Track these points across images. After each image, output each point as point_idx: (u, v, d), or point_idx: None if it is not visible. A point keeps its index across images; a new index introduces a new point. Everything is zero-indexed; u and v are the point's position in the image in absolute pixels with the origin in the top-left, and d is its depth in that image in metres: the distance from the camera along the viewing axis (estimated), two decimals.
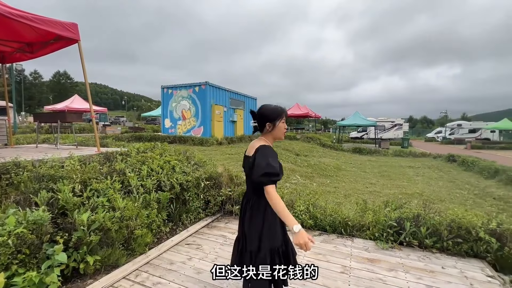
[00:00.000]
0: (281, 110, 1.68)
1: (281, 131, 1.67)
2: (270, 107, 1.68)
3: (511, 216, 4.73)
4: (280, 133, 1.67)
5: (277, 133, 1.67)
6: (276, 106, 1.68)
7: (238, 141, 15.18)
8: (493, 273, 2.63)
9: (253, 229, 1.64)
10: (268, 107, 1.68)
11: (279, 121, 1.64)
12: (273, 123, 1.64)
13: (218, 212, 4.29)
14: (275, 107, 1.68)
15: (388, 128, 31.38)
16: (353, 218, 3.62)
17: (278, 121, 1.64)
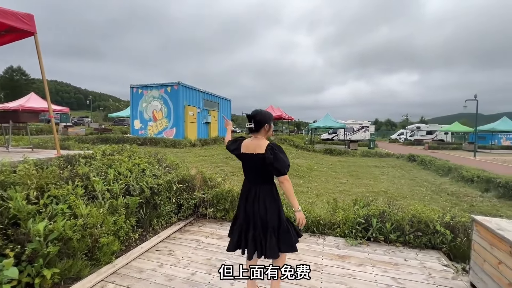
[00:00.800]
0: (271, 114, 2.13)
1: (271, 131, 2.08)
2: (265, 111, 2.07)
3: (462, 209, 5.25)
4: (270, 133, 2.08)
5: (270, 133, 2.06)
6: (267, 111, 2.09)
7: (212, 143, 14.97)
8: (448, 262, 2.89)
9: (271, 211, 1.96)
10: (265, 112, 2.06)
11: (272, 122, 2.06)
12: (270, 124, 2.03)
13: (191, 216, 4.18)
14: (268, 112, 2.09)
15: (356, 130, 33.10)
16: (325, 216, 3.75)
17: (271, 123, 2.06)
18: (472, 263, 2.42)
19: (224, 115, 2.75)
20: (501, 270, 2.00)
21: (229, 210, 4.14)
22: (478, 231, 2.35)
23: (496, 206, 5.57)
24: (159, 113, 15.38)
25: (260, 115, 2.00)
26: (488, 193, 6.66)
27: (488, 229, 2.16)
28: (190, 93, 16.04)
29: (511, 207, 5.58)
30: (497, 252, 2.05)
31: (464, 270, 2.80)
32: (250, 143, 2.02)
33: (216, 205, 4.20)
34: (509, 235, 1.96)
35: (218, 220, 4.11)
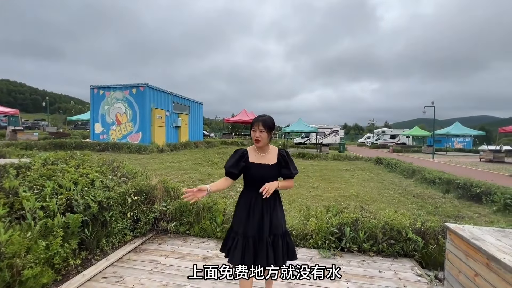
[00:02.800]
0: (253, 119, 1.94)
1: (252, 138, 1.95)
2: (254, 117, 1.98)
3: (428, 212, 5.39)
4: (252, 140, 1.95)
5: (252, 140, 1.97)
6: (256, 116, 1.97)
7: (183, 148, 14.29)
8: (421, 271, 2.80)
9: (281, 217, 1.97)
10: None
11: (251, 129, 1.95)
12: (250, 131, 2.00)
13: (150, 232, 3.70)
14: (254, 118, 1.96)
15: (327, 134, 34.19)
16: (297, 226, 3.53)
17: (251, 130, 1.96)
18: (447, 273, 2.32)
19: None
20: (477, 283, 1.89)
21: (194, 223, 3.74)
22: (452, 240, 2.26)
23: (457, 207, 5.83)
24: (123, 116, 14.33)
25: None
26: (449, 194, 7.01)
27: (463, 238, 2.06)
28: (158, 95, 15.22)
29: (470, 207, 5.88)
30: (473, 263, 1.95)
31: (436, 278, 2.72)
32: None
33: (179, 218, 3.78)
34: (485, 246, 1.86)
35: (181, 235, 3.69)
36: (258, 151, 1.96)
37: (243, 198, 1.96)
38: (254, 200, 1.89)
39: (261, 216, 1.88)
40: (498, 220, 4.48)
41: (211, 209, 3.81)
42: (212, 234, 3.64)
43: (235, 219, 1.96)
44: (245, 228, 1.87)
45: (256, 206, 1.89)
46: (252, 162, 1.92)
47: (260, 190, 1.77)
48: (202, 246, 3.37)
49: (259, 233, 1.86)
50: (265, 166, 1.92)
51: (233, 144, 19.46)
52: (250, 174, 1.91)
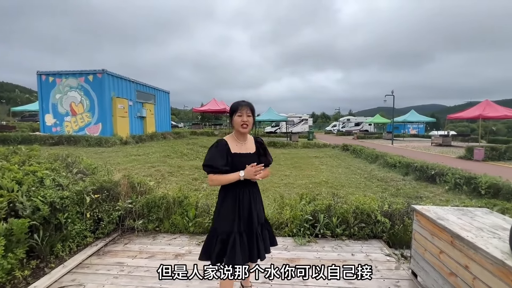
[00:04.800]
0: (235, 104, 1.80)
1: (237, 124, 1.78)
2: (234, 102, 1.82)
3: (391, 194, 5.76)
4: (237, 126, 1.79)
5: (236, 126, 1.80)
6: (238, 101, 1.81)
7: (149, 140, 13.51)
8: (389, 251, 2.95)
9: (262, 206, 1.97)
10: (233, 103, 1.82)
11: (234, 114, 1.79)
12: (231, 117, 1.82)
13: (114, 232, 3.40)
14: (236, 102, 1.81)
15: (297, 123, 34.99)
16: (272, 216, 3.50)
17: (233, 116, 1.79)
18: (413, 252, 2.46)
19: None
20: (442, 260, 2.01)
21: (164, 219, 3.52)
22: (418, 220, 2.38)
23: (416, 188, 6.34)
24: (79, 106, 13.02)
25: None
26: (408, 176, 7.60)
27: (429, 219, 2.18)
28: (119, 83, 14.05)
29: (426, 187, 6.43)
30: (438, 241, 2.07)
31: (403, 256, 2.89)
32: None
33: (147, 215, 3.52)
34: (449, 225, 1.97)
35: (150, 233, 3.45)
36: (239, 139, 1.84)
37: (230, 193, 1.79)
38: (241, 193, 1.79)
39: (249, 209, 1.80)
40: (453, 199, 4.95)
41: (182, 203, 3.61)
42: (184, 230, 3.46)
43: (223, 217, 1.78)
44: (238, 225, 1.75)
45: (244, 200, 1.79)
46: (235, 152, 1.79)
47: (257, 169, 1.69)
48: (173, 243, 3.18)
49: (250, 227, 1.79)
50: (247, 155, 1.82)
51: (203, 134, 18.94)
52: (235, 166, 1.75)
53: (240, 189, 1.79)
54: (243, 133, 1.82)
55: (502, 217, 2.17)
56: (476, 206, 3.48)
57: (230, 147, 1.78)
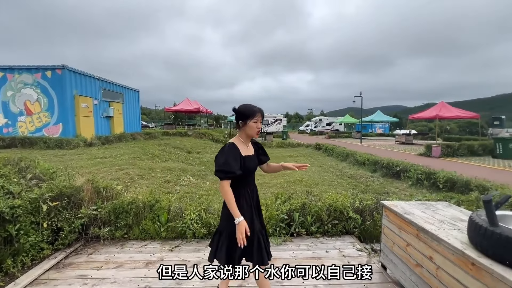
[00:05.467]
0: (251, 109, 1.77)
1: (252, 129, 1.79)
2: (246, 106, 1.80)
3: (361, 190, 6.03)
4: (252, 132, 1.80)
5: (251, 131, 1.80)
6: (251, 106, 1.80)
7: (117, 141, 12.74)
8: (360, 246, 3.07)
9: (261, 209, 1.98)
10: (244, 106, 1.80)
11: (250, 120, 1.76)
12: (244, 121, 1.78)
13: (76, 242, 3.12)
14: (250, 107, 1.79)
15: (271, 122, 35.35)
16: None
17: (247, 121, 1.77)
18: (383, 245, 2.58)
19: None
20: (409, 252, 2.13)
21: (133, 225, 3.31)
22: (387, 215, 2.50)
23: (383, 184, 6.71)
24: (35, 105, 11.87)
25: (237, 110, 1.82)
26: (376, 173, 8.03)
27: (397, 214, 2.29)
28: (82, 80, 13.07)
29: (392, 183, 6.84)
30: (405, 235, 2.18)
31: (373, 250, 3.02)
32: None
33: (115, 221, 3.29)
34: (415, 219, 2.09)
35: (118, 240, 3.22)
36: (246, 142, 1.87)
37: (241, 196, 1.77)
38: (250, 194, 1.84)
39: (257, 210, 1.87)
40: (416, 193, 5.31)
41: (153, 208, 3.43)
42: (155, 235, 3.29)
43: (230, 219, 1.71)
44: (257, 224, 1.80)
45: (253, 201, 1.84)
46: (245, 155, 1.81)
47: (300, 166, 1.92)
48: (144, 250, 3.01)
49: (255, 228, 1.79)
50: (252, 157, 1.88)
51: (176, 134, 18.31)
52: (246, 169, 1.77)
53: (249, 190, 1.84)
54: (254, 138, 1.89)
55: (459, 209, 2.35)
56: (436, 199, 3.76)
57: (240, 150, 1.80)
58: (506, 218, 1.61)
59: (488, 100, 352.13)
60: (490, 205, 1.46)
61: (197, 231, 3.21)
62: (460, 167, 9.31)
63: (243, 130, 1.81)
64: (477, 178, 5.45)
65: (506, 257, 1.35)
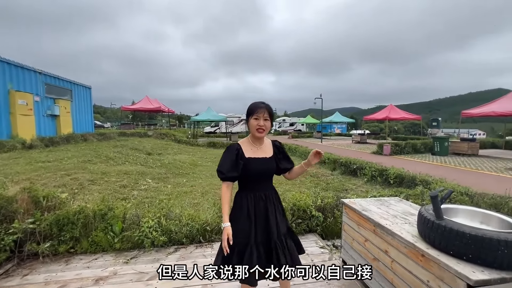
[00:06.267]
0: (252, 106, 1.69)
1: (253, 127, 1.68)
2: (253, 103, 1.70)
3: (322, 188, 6.29)
4: (252, 130, 1.69)
5: (251, 130, 1.70)
6: (256, 102, 1.70)
7: (64, 142, 11.44)
8: (322, 243, 3.17)
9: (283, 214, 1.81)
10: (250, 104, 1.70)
11: (251, 117, 1.68)
12: (247, 120, 1.71)
13: (8, 262, 2.67)
14: (254, 103, 1.69)
15: (237, 123, 35.27)
16: (212, 221, 3.34)
17: (249, 118, 1.69)
18: (343, 242, 2.68)
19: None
20: (367, 247, 2.24)
21: (81, 237, 2.95)
22: (347, 213, 2.61)
23: (342, 181, 7.10)
24: None
25: None
26: (335, 171, 8.48)
27: (356, 211, 2.40)
28: (19, 73, 11.46)
29: (350, 180, 7.28)
30: (363, 231, 2.29)
31: (334, 246, 3.14)
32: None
33: (58, 235, 2.89)
34: (372, 215, 2.20)
35: (62, 256, 2.84)
36: (255, 143, 1.74)
37: (243, 201, 1.68)
38: (255, 200, 1.67)
39: (266, 217, 1.67)
40: (371, 189, 5.71)
41: (105, 217, 3.10)
42: (108, 247, 2.98)
43: (238, 228, 1.63)
44: (254, 235, 1.64)
45: (260, 207, 1.67)
46: (249, 157, 1.68)
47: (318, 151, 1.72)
48: (94, 265, 2.69)
49: (268, 237, 1.66)
50: (263, 160, 1.70)
51: (134, 135, 17.12)
52: (248, 171, 1.65)
53: (254, 193, 1.68)
54: (259, 137, 1.71)
55: (409, 204, 2.56)
56: (389, 195, 4.08)
57: (244, 151, 1.68)
58: (450, 211, 1.77)
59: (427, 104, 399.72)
60: (437, 200, 1.59)
61: (156, 240, 2.99)
62: (407, 164, 10.33)
63: (249, 130, 1.72)
64: (421, 173, 6.07)
65: (450, 248, 1.47)
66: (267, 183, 1.75)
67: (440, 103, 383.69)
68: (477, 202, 3.95)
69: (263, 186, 1.72)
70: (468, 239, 1.40)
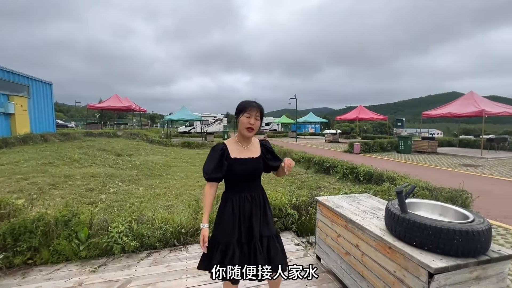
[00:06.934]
0: (244, 103, 1.66)
1: (242, 125, 1.65)
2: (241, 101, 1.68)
3: (297, 186, 6.43)
4: (241, 127, 1.66)
5: (240, 127, 1.67)
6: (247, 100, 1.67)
7: (20, 143, 10.43)
8: (298, 240, 3.24)
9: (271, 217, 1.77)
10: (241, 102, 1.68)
11: (241, 114, 1.65)
12: (237, 117, 1.67)
13: None
14: (245, 101, 1.67)
15: (212, 122, 34.79)
16: (186, 223, 3.25)
17: (240, 115, 1.66)
18: (317, 238, 2.76)
19: None
20: (339, 242, 2.33)
21: (41, 247, 2.71)
22: (320, 210, 2.69)
23: (316, 180, 7.32)
24: None
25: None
26: (310, 169, 8.72)
27: (329, 208, 2.48)
28: None
29: (323, 178, 7.53)
30: (336, 227, 2.38)
31: (309, 243, 3.23)
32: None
33: (13, 245, 2.63)
34: (343, 211, 2.30)
35: (18, 269, 2.59)
36: (242, 143, 1.71)
37: (228, 201, 1.67)
38: (241, 201, 1.65)
39: (249, 218, 1.65)
40: (343, 187, 5.95)
41: (69, 223, 2.88)
42: (73, 256, 2.77)
43: (222, 227, 1.65)
44: (238, 235, 1.63)
45: (245, 208, 1.65)
46: (235, 157, 1.66)
47: (285, 163, 1.58)
48: (56, 276, 2.49)
49: (250, 238, 1.65)
50: (250, 160, 1.68)
51: (102, 135, 16.11)
52: (233, 172, 1.64)
53: (239, 196, 1.66)
54: (247, 137, 1.69)
55: (377, 199, 2.71)
56: (359, 191, 4.28)
57: (229, 151, 1.66)
58: (413, 205, 1.91)
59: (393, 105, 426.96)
60: (401, 195, 1.70)
61: (127, 245, 2.84)
62: (375, 161, 10.95)
63: (238, 128, 1.69)
64: (387, 170, 6.46)
65: (413, 239, 1.58)
66: (253, 183, 1.73)
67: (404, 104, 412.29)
68: (436, 196, 4.30)
69: (249, 187, 1.70)
70: (429, 230, 1.51)
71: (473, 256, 1.45)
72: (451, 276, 1.41)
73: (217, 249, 1.61)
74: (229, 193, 1.69)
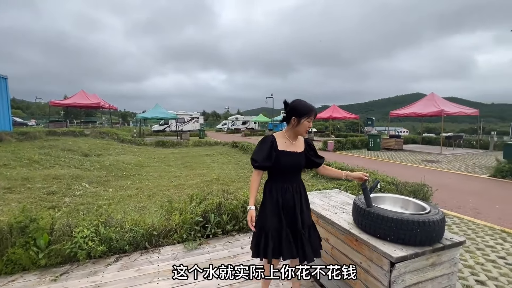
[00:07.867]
0: (308, 107, 1.77)
1: (304, 127, 1.79)
2: (301, 102, 1.78)
3: None
4: (302, 129, 1.80)
5: (301, 129, 1.79)
6: (308, 104, 1.78)
7: None
8: None
9: (308, 208, 1.91)
10: (299, 102, 1.78)
11: (305, 118, 1.76)
12: (298, 118, 1.76)
13: None
14: (307, 105, 1.78)
15: (187, 121, 33.98)
16: (159, 224, 3.15)
17: (302, 118, 1.76)
18: None
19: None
20: None
21: (10, 262, 2.46)
22: None
23: None
24: None
25: (291, 105, 1.79)
26: None
27: None
28: None
29: None
30: None
31: None
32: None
33: None
34: (315, 207, 2.37)
35: None
36: (291, 138, 1.84)
37: (273, 190, 1.79)
38: (283, 192, 1.78)
39: (293, 207, 1.79)
40: (316, 183, 6.13)
41: (26, 230, 2.64)
42: (31, 265, 2.55)
43: (266, 214, 1.77)
44: (280, 221, 1.75)
45: (287, 198, 1.78)
46: (282, 149, 1.78)
47: (365, 179, 1.83)
48: None
49: (294, 226, 1.77)
50: (294, 154, 1.81)
51: (67, 134, 14.99)
52: (280, 163, 1.76)
53: (283, 185, 1.79)
54: (303, 136, 1.88)
55: (347, 195, 2.83)
56: (331, 187, 4.44)
57: (278, 144, 1.78)
58: (379, 199, 2.02)
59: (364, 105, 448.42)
60: (366, 190, 1.79)
61: (93, 250, 2.68)
62: (347, 158, 11.43)
63: (292, 126, 1.80)
64: (358, 167, 6.78)
65: (377, 231, 1.68)
66: (295, 176, 1.86)
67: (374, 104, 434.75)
68: (401, 190, 4.60)
69: (291, 179, 1.83)
70: (391, 222, 1.61)
71: (429, 244, 1.57)
72: (410, 264, 1.52)
73: (267, 236, 1.73)
74: (273, 183, 1.82)
